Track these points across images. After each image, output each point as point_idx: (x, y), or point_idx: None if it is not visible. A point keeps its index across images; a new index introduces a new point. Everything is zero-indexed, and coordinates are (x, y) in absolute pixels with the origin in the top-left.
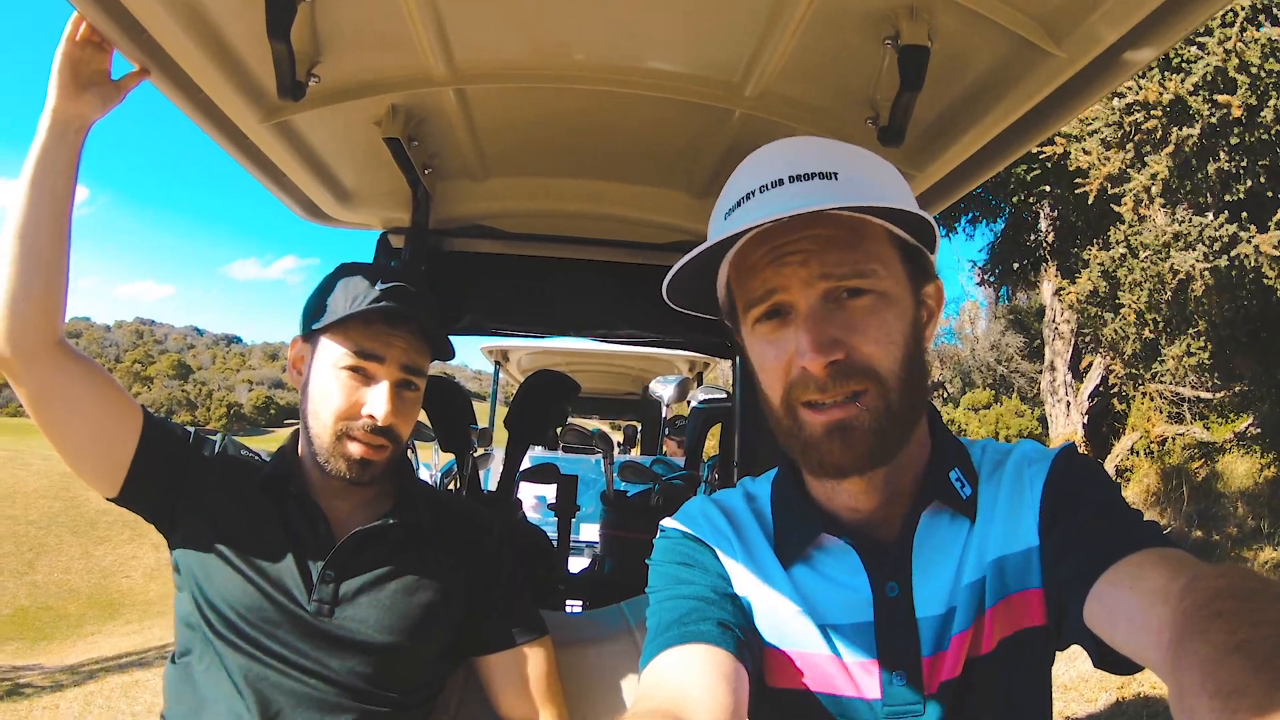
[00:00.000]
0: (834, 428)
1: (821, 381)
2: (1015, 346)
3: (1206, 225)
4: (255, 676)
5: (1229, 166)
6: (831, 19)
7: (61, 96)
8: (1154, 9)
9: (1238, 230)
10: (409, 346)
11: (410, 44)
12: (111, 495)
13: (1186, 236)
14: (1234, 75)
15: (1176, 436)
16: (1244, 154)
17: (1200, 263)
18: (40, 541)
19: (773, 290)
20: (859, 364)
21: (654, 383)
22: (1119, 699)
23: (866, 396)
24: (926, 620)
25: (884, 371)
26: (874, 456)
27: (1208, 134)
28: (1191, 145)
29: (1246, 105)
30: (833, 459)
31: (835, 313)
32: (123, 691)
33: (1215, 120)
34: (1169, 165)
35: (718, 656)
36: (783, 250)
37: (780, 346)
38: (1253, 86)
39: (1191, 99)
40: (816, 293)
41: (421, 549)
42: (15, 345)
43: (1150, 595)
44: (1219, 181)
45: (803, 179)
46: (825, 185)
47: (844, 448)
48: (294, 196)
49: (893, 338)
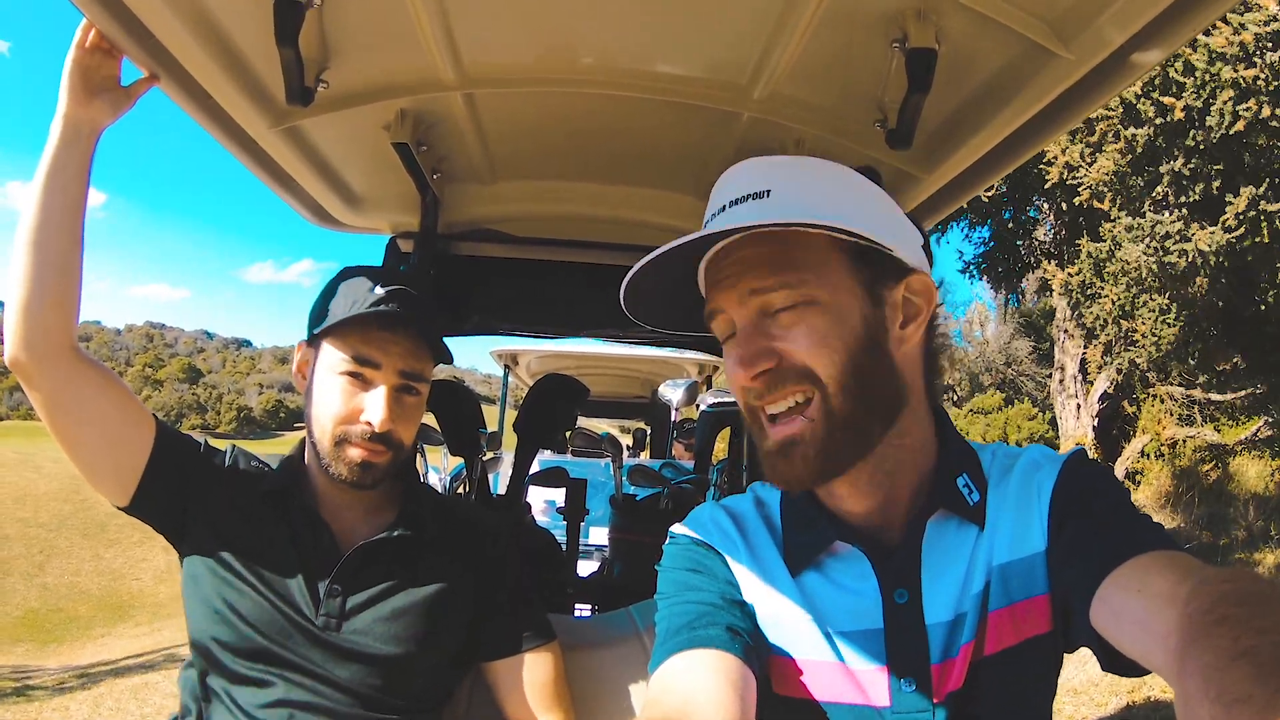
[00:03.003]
0: (783, 443)
1: (759, 390)
2: (1025, 350)
3: (1159, 222)
4: (266, 686)
5: (1181, 168)
6: (839, 21)
7: (72, 103)
8: (1162, 10)
9: (1183, 228)
10: (407, 351)
11: (418, 49)
12: (122, 504)
13: (1138, 231)
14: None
15: (1187, 439)
16: (1198, 156)
17: (1147, 255)
18: (51, 544)
19: (717, 310)
20: (794, 369)
21: (663, 386)
22: (1129, 703)
23: (811, 406)
24: (935, 627)
25: (823, 375)
26: (820, 472)
27: (1159, 135)
28: (1142, 144)
29: (1191, 108)
30: (780, 473)
31: (769, 326)
32: (132, 693)
33: (1161, 123)
34: (1118, 162)
35: (726, 662)
36: (719, 274)
37: (734, 361)
38: (1198, 91)
39: (1139, 102)
40: (749, 310)
41: (428, 558)
42: (30, 349)
43: (1157, 599)
44: (1173, 182)
45: (738, 202)
46: (755, 205)
47: (788, 464)
48: (303, 201)
49: (826, 341)
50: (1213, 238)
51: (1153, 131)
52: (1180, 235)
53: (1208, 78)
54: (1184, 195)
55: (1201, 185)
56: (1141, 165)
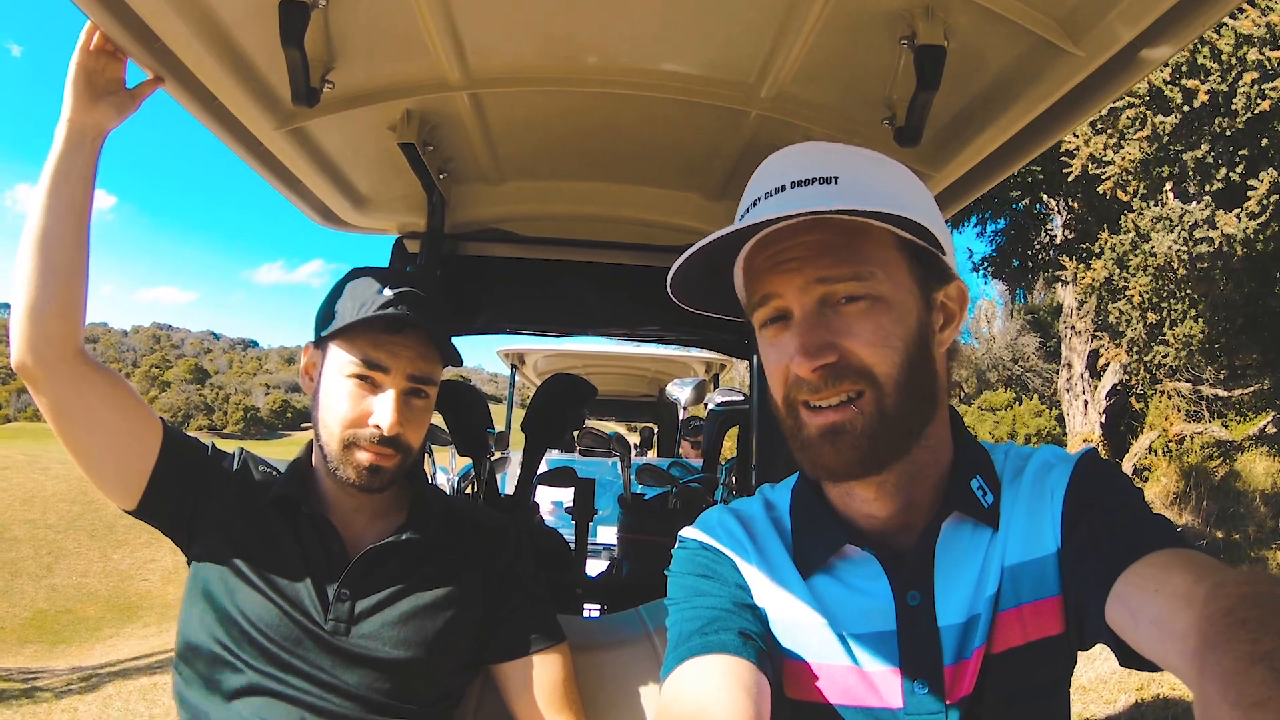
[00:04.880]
0: (827, 430)
1: (814, 384)
2: (1032, 346)
3: (1187, 211)
4: (273, 690)
5: (1205, 155)
6: (847, 19)
7: (77, 106)
8: (1171, 6)
9: (1211, 215)
10: (416, 354)
11: (424, 49)
12: (129, 508)
13: (1168, 221)
14: (1205, 63)
15: (1195, 435)
16: (1222, 142)
17: (1177, 245)
18: (59, 545)
19: (771, 295)
20: (853, 366)
21: (671, 385)
22: (1138, 700)
23: (862, 400)
24: (948, 629)
25: (879, 374)
26: (865, 462)
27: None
28: (1167, 131)
29: (1216, 92)
30: (824, 461)
31: (830, 317)
32: (140, 694)
33: (1189, 109)
34: (1144, 150)
35: (739, 667)
36: (780, 256)
37: (780, 350)
38: (1223, 75)
39: (1167, 89)
40: (812, 298)
41: (436, 561)
42: (36, 353)
43: (1175, 599)
44: (1197, 169)
45: (803, 184)
46: (824, 190)
47: (835, 451)
48: (309, 202)
49: (889, 341)
50: (1237, 224)
51: (1178, 118)
52: (1208, 223)
53: (1234, 61)
54: (1208, 183)
55: (1224, 171)
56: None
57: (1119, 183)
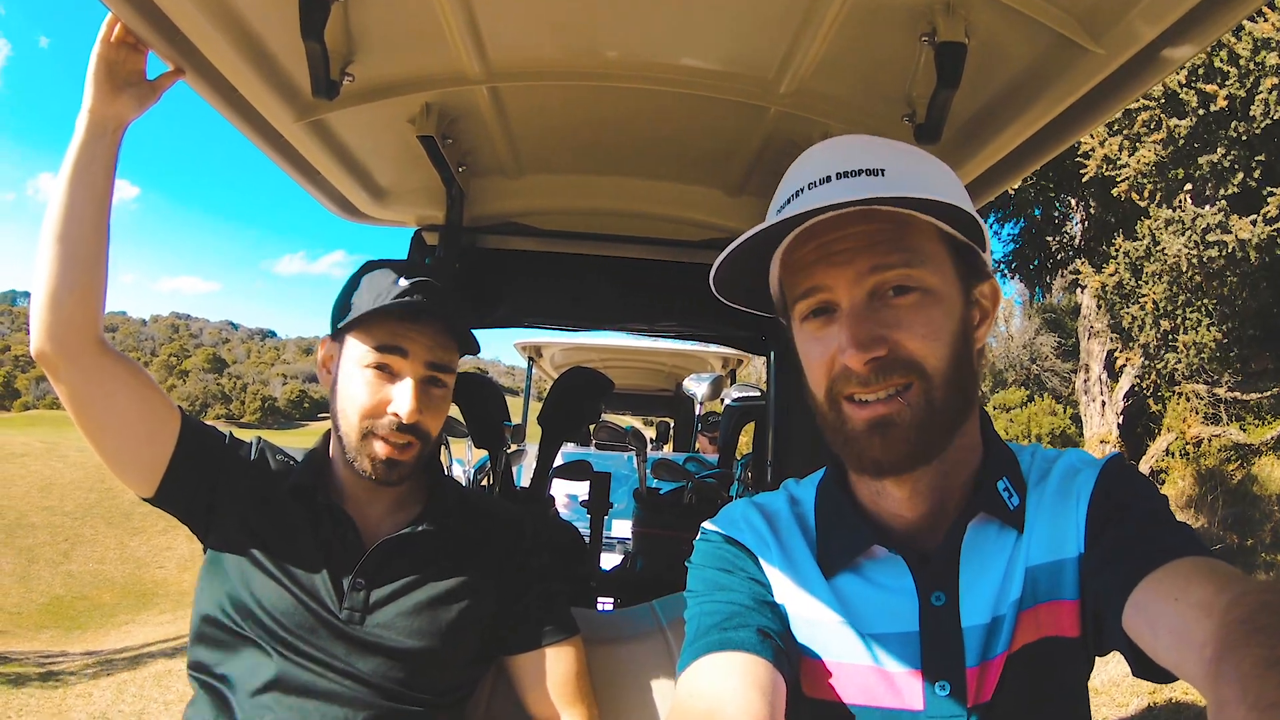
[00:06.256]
0: (875, 423)
1: (864, 377)
2: (1050, 346)
3: (1199, 214)
4: (288, 675)
5: (1221, 160)
6: (866, 15)
7: (98, 97)
8: (1193, 5)
9: (1224, 219)
10: (434, 343)
11: (444, 42)
12: (147, 495)
13: (1180, 224)
14: (1223, 67)
15: (1212, 438)
16: (1239, 147)
17: (1187, 248)
18: (76, 532)
19: (818, 287)
20: (902, 359)
21: (688, 380)
22: (1150, 704)
23: (910, 392)
24: (972, 630)
25: (929, 368)
26: (914, 455)
27: (1201, 125)
28: (1183, 134)
29: (1234, 97)
30: (872, 454)
31: (880, 310)
32: (155, 680)
33: (1205, 112)
34: (1159, 153)
35: (755, 666)
36: (829, 248)
37: (825, 343)
38: (1241, 79)
39: (1183, 92)
40: (862, 290)
41: (452, 553)
42: (57, 341)
43: (1195, 608)
44: (1212, 174)
45: (849, 175)
46: (871, 181)
47: (884, 444)
48: (329, 194)
49: (939, 334)
50: (1253, 229)
51: (1194, 122)
52: (1220, 228)
53: (1252, 66)
54: (1223, 188)
55: (1240, 176)
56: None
57: (1134, 185)
